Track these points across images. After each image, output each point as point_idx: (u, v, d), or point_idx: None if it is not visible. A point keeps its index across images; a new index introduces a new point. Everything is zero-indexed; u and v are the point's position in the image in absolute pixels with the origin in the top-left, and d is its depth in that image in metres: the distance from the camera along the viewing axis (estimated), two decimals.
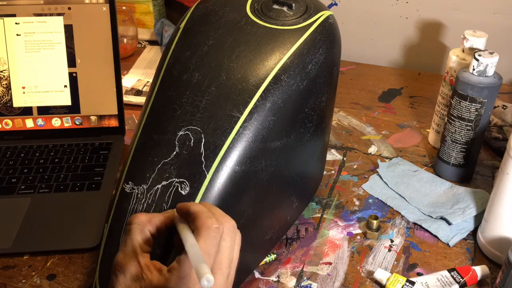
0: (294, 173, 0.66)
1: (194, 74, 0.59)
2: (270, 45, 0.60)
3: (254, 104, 0.57)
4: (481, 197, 0.77)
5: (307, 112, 0.63)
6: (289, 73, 0.59)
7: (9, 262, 0.69)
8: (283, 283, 0.66)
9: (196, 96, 0.58)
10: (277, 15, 0.64)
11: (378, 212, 0.77)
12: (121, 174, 0.59)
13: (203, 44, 0.61)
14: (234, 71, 0.59)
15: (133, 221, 0.48)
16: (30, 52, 0.86)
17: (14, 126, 0.89)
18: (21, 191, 0.77)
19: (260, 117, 0.57)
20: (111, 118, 0.89)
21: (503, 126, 0.91)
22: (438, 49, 1.17)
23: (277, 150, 0.59)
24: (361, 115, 1.01)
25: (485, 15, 1.09)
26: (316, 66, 0.62)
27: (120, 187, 0.57)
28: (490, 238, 0.68)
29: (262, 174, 0.58)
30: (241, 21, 0.63)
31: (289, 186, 0.67)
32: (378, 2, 1.17)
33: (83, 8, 0.86)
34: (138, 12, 1.27)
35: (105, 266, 0.55)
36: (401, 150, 0.91)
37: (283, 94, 0.58)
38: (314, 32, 0.63)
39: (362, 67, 1.18)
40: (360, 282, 0.67)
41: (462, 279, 0.65)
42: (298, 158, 0.65)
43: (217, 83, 0.58)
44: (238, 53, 0.60)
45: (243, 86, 0.58)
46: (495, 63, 0.73)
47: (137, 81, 1.09)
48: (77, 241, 0.70)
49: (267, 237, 0.65)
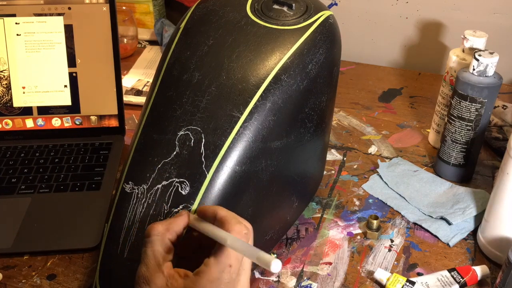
0: (294, 173, 0.66)
1: (194, 74, 0.59)
2: (270, 45, 0.60)
3: (254, 104, 0.57)
4: (481, 197, 0.77)
5: (307, 112, 0.63)
6: (289, 73, 0.59)
7: (9, 262, 0.69)
8: (283, 283, 0.66)
9: (196, 96, 0.58)
10: (277, 15, 0.64)
11: (378, 212, 0.77)
12: (121, 174, 0.59)
13: (203, 44, 0.61)
14: (234, 71, 0.59)
15: (151, 233, 0.47)
16: (30, 52, 0.86)
17: (14, 126, 0.89)
18: (21, 191, 0.77)
19: (260, 117, 0.57)
20: (111, 118, 0.89)
21: (503, 126, 0.91)
22: (438, 49, 1.17)
23: (277, 150, 0.59)
24: (361, 115, 1.01)
25: (485, 15, 1.09)
26: (316, 66, 0.62)
27: (120, 187, 0.57)
28: (490, 238, 0.68)
29: (262, 174, 0.58)
30: (241, 21, 0.63)
31: (289, 186, 0.67)
32: (378, 2, 1.17)
33: (83, 8, 0.86)
34: (138, 12, 1.27)
35: (105, 266, 0.55)
36: (401, 150, 0.91)
37: (283, 94, 0.58)
38: (314, 32, 0.63)
39: (362, 67, 1.18)
40: (360, 282, 0.67)
41: (462, 279, 0.65)
42: (298, 158, 0.65)
43: (217, 83, 0.58)
44: (238, 53, 0.60)
45: (243, 86, 0.58)
46: (495, 63, 0.73)
47: (137, 81, 1.09)
48: (77, 241, 0.70)
49: (267, 237, 0.65)
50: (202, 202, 0.54)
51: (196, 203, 0.54)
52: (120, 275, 0.54)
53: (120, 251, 0.54)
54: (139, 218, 0.55)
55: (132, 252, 0.54)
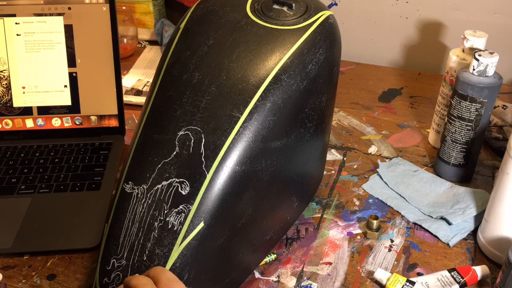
0: (294, 173, 0.66)
1: (194, 74, 0.59)
2: (270, 45, 0.60)
3: (254, 104, 0.57)
4: (481, 197, 0.77)
5: (307, 112, 0.63)
6: (289, 73, 0.59)
7: (9, 262, 0.69)
8: (283, 283, 0.66)
9: (196, 96, 0.58)
10: (277, 15, 0.64)
11: (378, 212, 0.77)
12: (121, 174, 0.59)
13: (203, 44, 0.61)
14: (234, 71, 0.59)
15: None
16: (30, 52, 0.86)
17: (14, 126, 0.89)
18: (21, 191, 0.77)
19: (260, 117, 0.57)
20: (111, 118, 0.89)
21: (503, 126, 0.91)
22: (438, 49, 1.17)
23: (277, 150, 0.59)
24: (361, 115, 1.01)
25: (485, 15, 1.09)
26: (316, 66, 0.62)
27: (120, 187, 0.57)
28: (490, 238, 0.68)
29: (262, 174, 0.58)
30: (241, 21, 0.63)
31: (289, 186, 0.67)
32: (378, 2, 1.17)
33: (83, 8, 0.86)
34: (138, 12, 1.27)
35: (105, 266, 0.55)
36: (401, 150, 0.91)
37: (283, 94, 0.58)
38: (314, 32, 0.63)
39: (362, 67, 1.18)
40: (360, 282, 0.67)
41: (462, 279, 0.65)
42: (298, 158, 0.65)
43: (217, 83, 0.58)
44: (238, 53, 0.60)
45: (243, 86, 0.58)
46: (495, 63, 0.73)
47: (137, 81, 1.09)
48: (77, 241, 0.70)
49: (267, 237, 0.65)
50: (202, 202, 0.54)
51: (196, 203, 0.54)
52: (120, 275, 0.54)
53: (120, 251, 0.55)
54: (139, 218, 0.55)
55: (131, 252, 0.54)
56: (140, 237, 0.54)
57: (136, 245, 0.54)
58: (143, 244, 0.54)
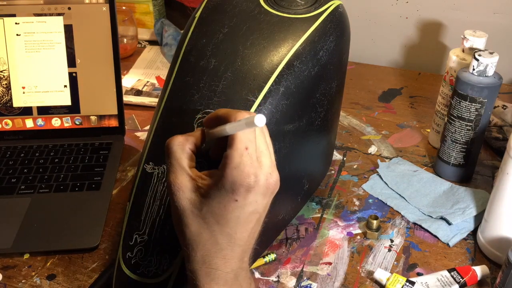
0: (305, 156, 0.68)
1: (211, 60, 0.61)
2: (282, 33, 0.62)
3: (268, 89, 0.58)
4: (481, 197, 0.77)
5: (318, 97, 0.65)
6: (301, 59, 0.61)
7: (9, 262, 0.69)
8: (283, 283, 0.66)
9: (213, 81, 0.59)
10: (289, 4, 0.66)
11: (378, 212, 0.77)
12: (141, 156, 0.61)
13: (219, 32, 0.63)
14: (249, 57, 0.60)
15: (172, 143, 0.49)
16: (30, 52, 0.86)
17: (14, 126, 0.89)
18: (21, 191, 0.77)
19: (274, 101, 0.58)
20: (111, 118, 0.89)
21: (503, 126, 0.91)
22: (438, 49, 1.17)
23: (290, 133, 0.61)
24: (361, 115, 1.01)
25: (485, 15, 1.09)
26: (327, 53, 0.64)
27: (141, 167, 0.60)
28: (490, 238, 0.68)
29: (276, 156, 0.59)
30: (255, 10, 0.64)
31: (301, 168, 0.68)
32: (378, 2, 1.17)
33: (83, 8, 0.86)
34: (138, 12, 1.27)
35: (128, 241, 0.57)
36: (401, 150, 0.91)
37: (295, 79, 0.60)
38: (325, 21, 0.64)
39: (362, 67, 1.18)
40: (360, 282, 0.67)
41: (462, 279, 0.65)
42: (309, 141, 0.67)
43: (233, 69, 0.60)
44: (252, 41, 0.62)
45: (258, 71, 0.59)
46: (495, 63, 0.73)
47: (137, 81, 1.09)
48: (77, 241, 0.70)
49: (280, 217, 0.67)
50: None
51: None
52: (142, 249, 0.56)
53: (142, 227, 0.57)
54: (160, 196, 0.57)
55: (153, 227, 0.56)
56: (161, 214, 0.56)
57: (158, 221, 0.56)
58: (164, 220, 0.56)
